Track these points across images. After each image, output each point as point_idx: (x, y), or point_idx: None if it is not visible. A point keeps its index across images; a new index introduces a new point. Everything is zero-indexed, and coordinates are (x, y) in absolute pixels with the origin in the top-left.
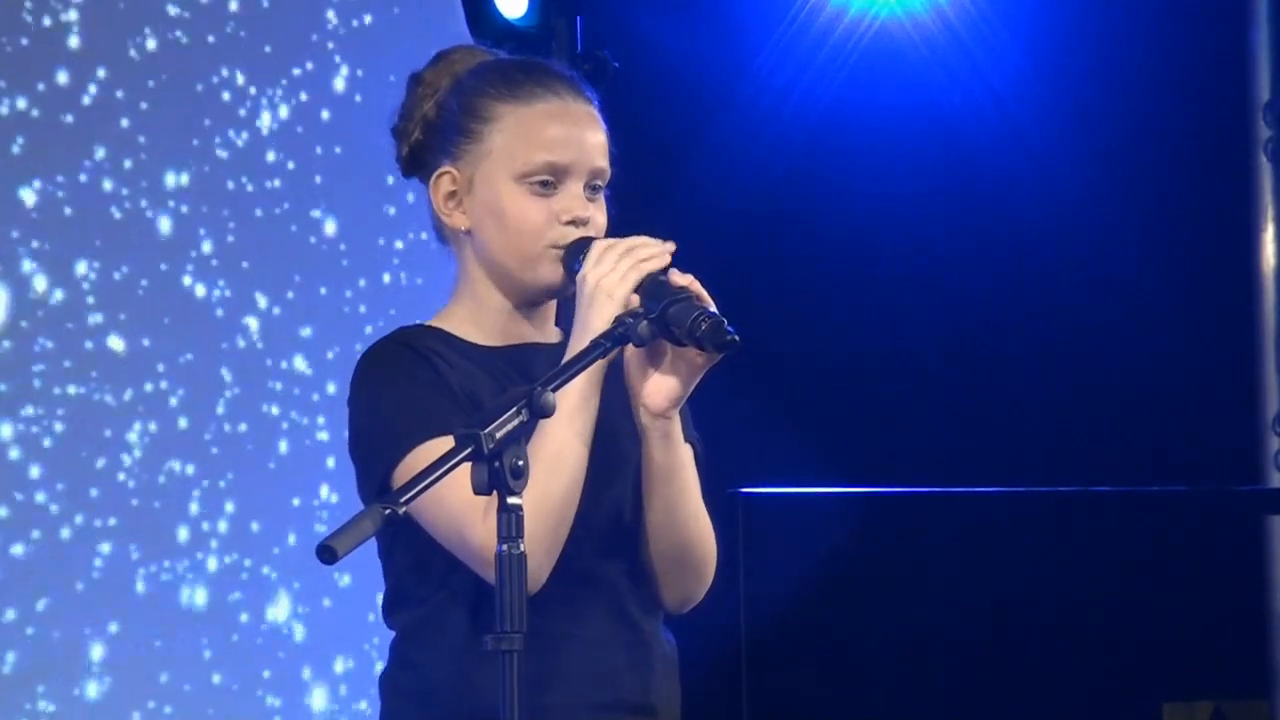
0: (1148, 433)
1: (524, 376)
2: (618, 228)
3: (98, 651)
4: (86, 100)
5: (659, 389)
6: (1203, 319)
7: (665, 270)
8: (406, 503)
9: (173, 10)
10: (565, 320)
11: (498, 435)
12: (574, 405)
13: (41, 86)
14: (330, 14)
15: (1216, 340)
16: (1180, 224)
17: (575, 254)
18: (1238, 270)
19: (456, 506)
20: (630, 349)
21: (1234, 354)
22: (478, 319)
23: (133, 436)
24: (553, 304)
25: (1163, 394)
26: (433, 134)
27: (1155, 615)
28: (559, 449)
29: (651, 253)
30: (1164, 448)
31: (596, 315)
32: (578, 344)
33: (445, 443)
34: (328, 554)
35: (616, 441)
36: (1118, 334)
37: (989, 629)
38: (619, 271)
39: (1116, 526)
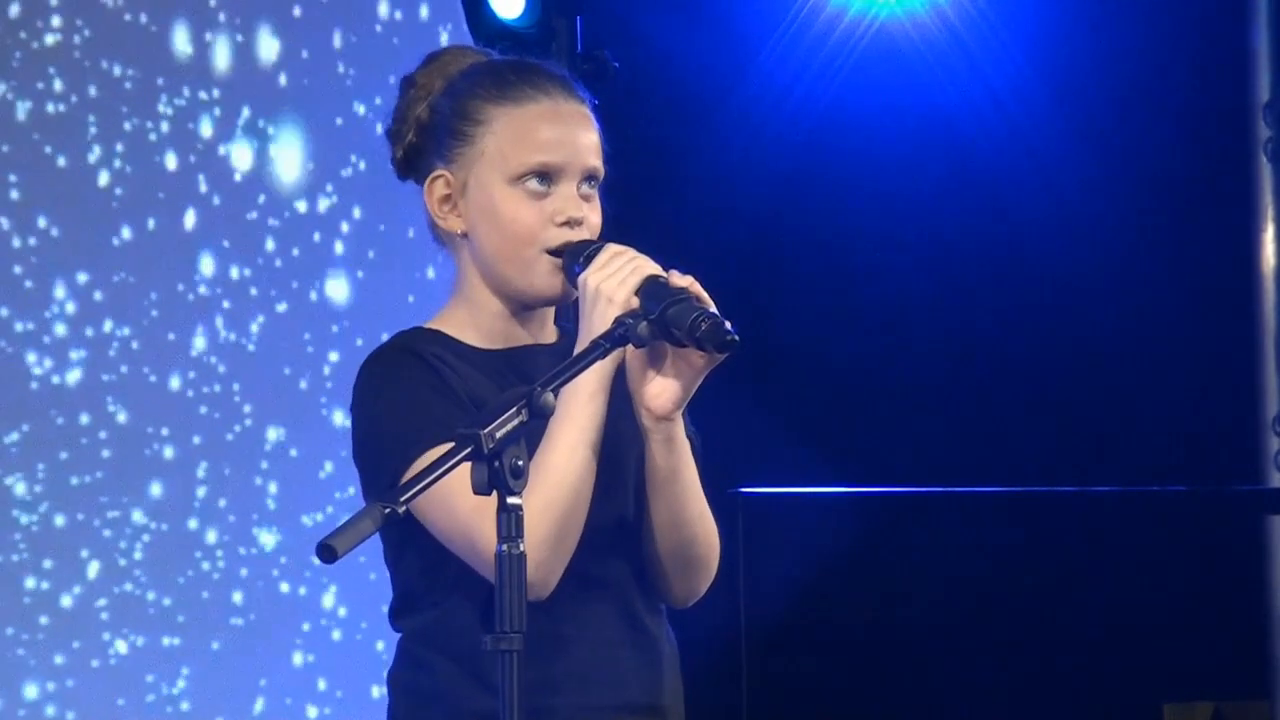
0: (1148, 433)
1: (523, 378)
2: (618, 227)
3: None
4: None
5: (661, 391)
6: (1203, 319)
7: (665, 272)
8: (406, 502)
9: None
10: (564, 319)
11: (497, 435)
12: (581, 408)
13: None
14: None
15: (1216, 340)
16: (1180, 224)
17: (574, 257)
18: (1238, 270)
19: (464, 511)
20: (631, 352)
21: (1234, 354)
22: (476, 321)
23: None
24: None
25: (1163, 394)
26: (426, 137)
27: (1155, 615)
28: (567, 453)
29: (650, 261)
30: (1164, 448)
31: (599, 317)
32: (582, 348)
33: (450, 447)
34: (327, 553)
35: (619, 443)
36: (1118, 334)
37: (989, 629)
38: (619, 274)
39: (1116, 526)
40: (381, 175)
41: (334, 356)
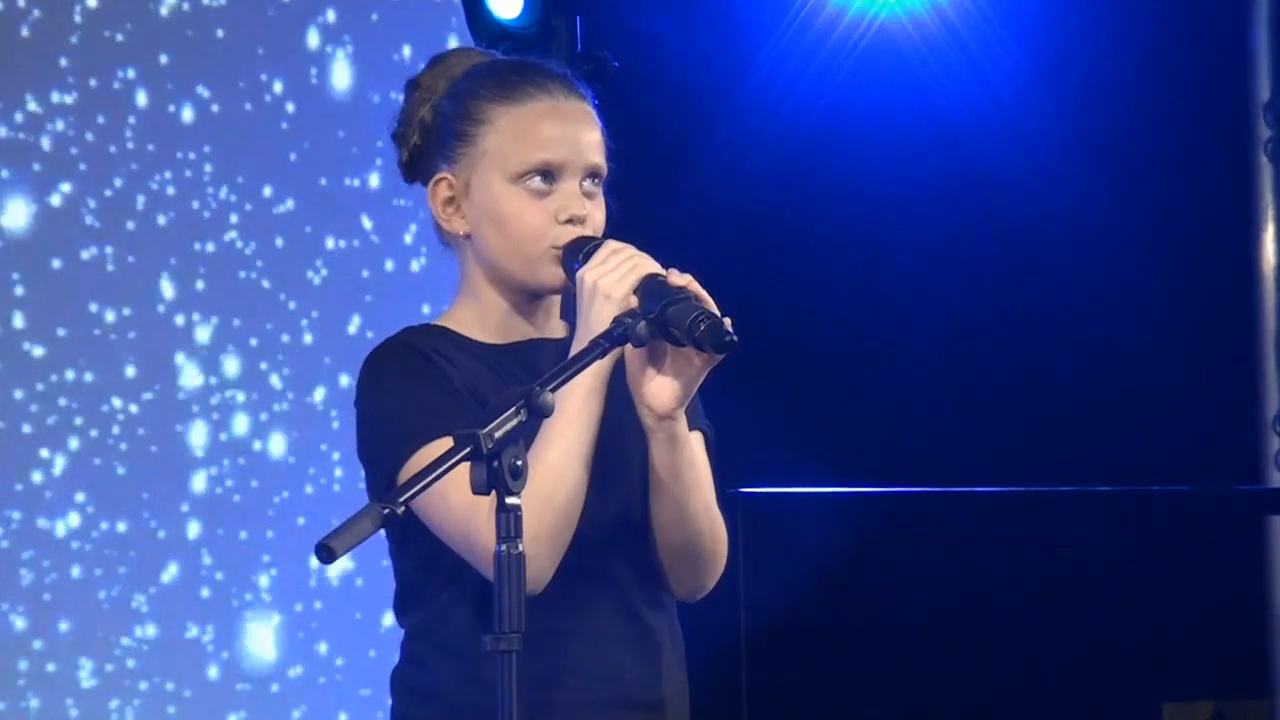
0: (1148, 433)
1: (530, 372)
2: (618, 226)
3: None
4: None
5: (662, 390)
6: (1203, 319)
7: (664, 271)
8: (405, 502)
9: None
10: (570, 313)
11: (496, 435)
12: (578, 406)
13: None
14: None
15: (1216, 340)
16: (1180, 224)
17: (574, 253)
18: (1238, 270)
19: (461, 506)
20: (631, 351)
21: (1234, 354)
22: (482, 319)
23: None
24: (557, 298)
25: (1163, 394)
26: (430, 139)
27: (1155, 615)
28: (564, 451)
29: (649, 259)
30: (1164, 448)
31: (597, 315)
32: (580, 345)
33: (450, 442)
34: (326, 553)
35: (621, 439)
36: (1118, 334)
37: (989, 629)
38: (618, 272)
39: (1117, 526)
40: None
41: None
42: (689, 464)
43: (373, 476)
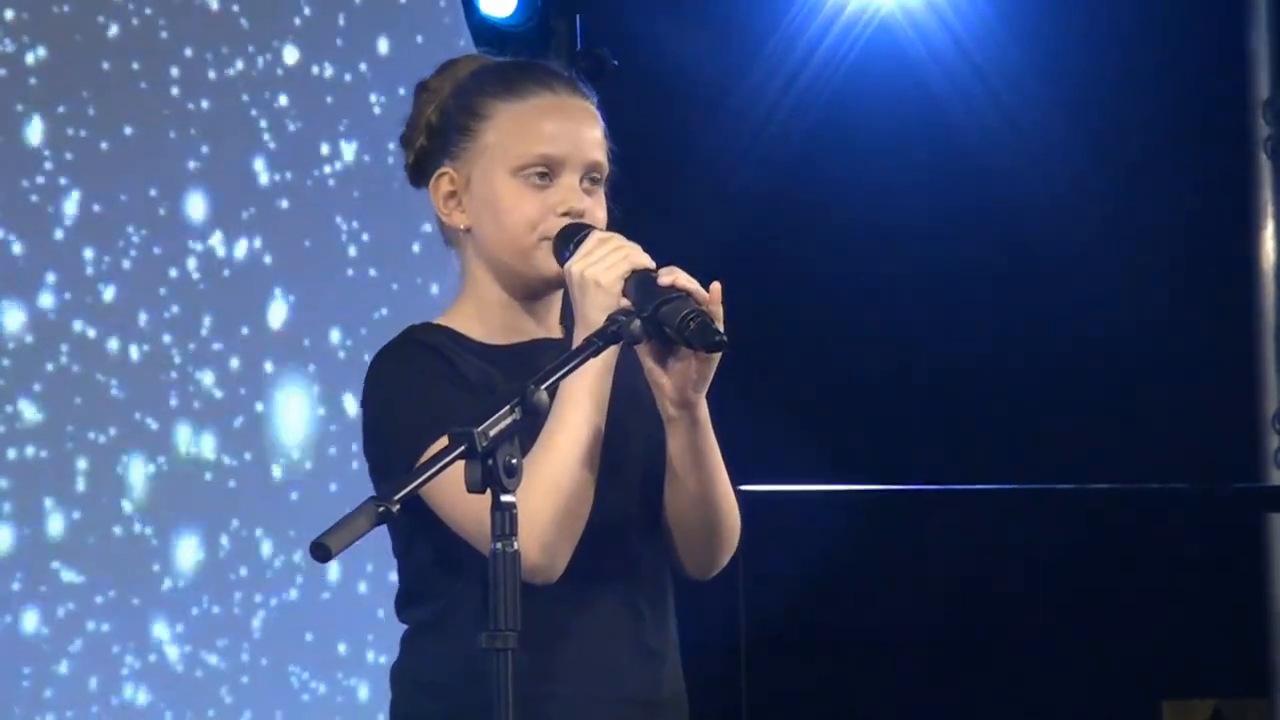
0: (1148, 432)
1: (535, 372)
2: (617, 226)
3: None
4: None
5: (680, 379)
6: (1203, 318)
7: (654, 267)
8: (400, 500)
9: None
10: (568, 316)
11: (491, 433)
12: (585, 392)
13: None
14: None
15: (1216, 340)
16: (1180, 223)
17: (564, 243)
18: (1238, 270)
19: (476, 498)
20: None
21: (1234, 353)
22: (483, 317)
23: None
24: (556, 299)
25: (1162, 393)
26: (435, 138)
27: (1155, 615)
28: (571, 438)
29: (638, 249)
30: (1164, 447)
31: (591, 305)
32: (578, 339)
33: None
34: (320, 551)
35: (623, 435)
36: (1118, 333)
37: (989, 628)
38: (606, 261)
39: (1116, 526)
40: None
41: None
42: (712, 449)
43: (383, 472)
